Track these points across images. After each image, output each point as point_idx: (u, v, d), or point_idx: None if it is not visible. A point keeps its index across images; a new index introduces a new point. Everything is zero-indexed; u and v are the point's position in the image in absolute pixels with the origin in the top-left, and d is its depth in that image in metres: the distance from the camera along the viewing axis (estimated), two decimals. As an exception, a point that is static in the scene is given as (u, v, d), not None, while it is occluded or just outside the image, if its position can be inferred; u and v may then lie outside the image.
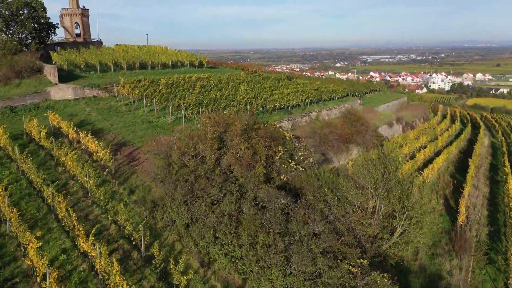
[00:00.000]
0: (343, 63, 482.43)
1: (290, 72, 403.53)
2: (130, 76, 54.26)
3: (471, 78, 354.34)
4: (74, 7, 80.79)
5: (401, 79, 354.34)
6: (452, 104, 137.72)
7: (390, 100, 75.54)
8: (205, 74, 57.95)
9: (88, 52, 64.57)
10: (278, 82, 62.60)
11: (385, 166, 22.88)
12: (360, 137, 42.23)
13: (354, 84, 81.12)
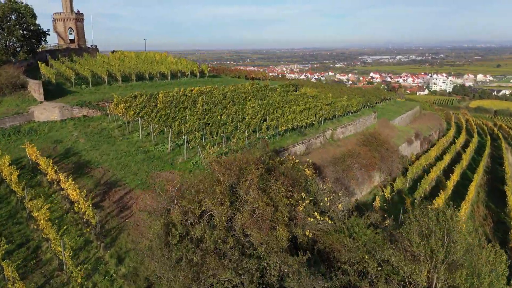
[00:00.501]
0: (343, 63, 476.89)
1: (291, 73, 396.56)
2: (125, 90, 48.87)
3: (472, 79, 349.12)
4: (67, 12, 75.29)
5: (401, 80, 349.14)
6: (461, 110, 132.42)
7: (404, 111, 70.17)
8: (207, 86, 52.50)
9: (80, 62, 59.07)
10: (287, 94, 57.23)
11: (446, 233, 17.56)
12: (384, 163, 36.88)
13: (365, 94, 75.72)
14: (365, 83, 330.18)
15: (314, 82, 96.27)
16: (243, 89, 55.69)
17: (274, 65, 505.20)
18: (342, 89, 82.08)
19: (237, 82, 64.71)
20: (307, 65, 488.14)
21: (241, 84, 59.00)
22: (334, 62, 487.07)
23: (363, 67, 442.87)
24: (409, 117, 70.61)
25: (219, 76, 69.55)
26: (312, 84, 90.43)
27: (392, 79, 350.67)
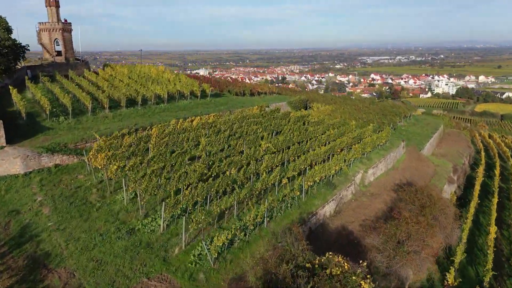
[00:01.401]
0: (342, 64, 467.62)
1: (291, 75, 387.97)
2: (113, 121, 40.02)
3: (473, 81, 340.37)
4: (53, 21, 66.32)
5: (403, 82, 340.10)
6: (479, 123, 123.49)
7: (430, 133, 61.39)
8: (209, 115, 43.68)
9: (63, 83, 50.21)
10: (303, 124, 48.40)
11: None
12: (439, 228, 28.06)
13: (386, 113, 67.00)
14: (366, 85, 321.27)
15: (324, 96, 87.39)
16: (252, 115, 46.95)
17: (274, 65, 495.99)
18: (357, 106, 73.25)
19: (243, 103, 55.83)
20: (306, 65, 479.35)
21: (249, 109, 50.14)
22: (334, 62, 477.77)
23: (363, 68, 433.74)
24: (435, 140, 61.88)
25: (221, 95, 60.56)
26: (323, 98, 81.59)
27: (393, 81, 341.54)
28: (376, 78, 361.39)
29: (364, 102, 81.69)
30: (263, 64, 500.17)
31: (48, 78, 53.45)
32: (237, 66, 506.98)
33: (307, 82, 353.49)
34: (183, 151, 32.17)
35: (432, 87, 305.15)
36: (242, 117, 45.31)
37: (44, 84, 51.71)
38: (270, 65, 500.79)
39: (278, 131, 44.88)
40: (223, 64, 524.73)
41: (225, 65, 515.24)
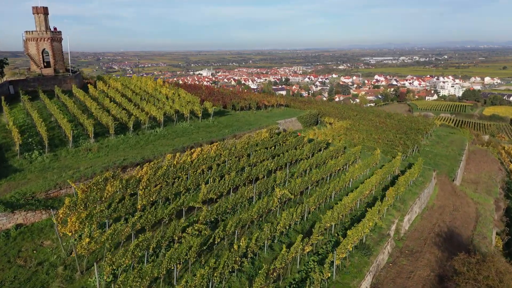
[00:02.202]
0: (346, 65, 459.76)
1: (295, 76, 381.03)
2: (97, 157, 33.17)
3: (479, 82, 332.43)
4: (41, 30, 59.60)
5: (408, 84, 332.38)
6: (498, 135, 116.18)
7: (458, 156, 54.20)
8: (212, 145, 36.75)
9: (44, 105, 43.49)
10: (318, 148, 41.51)
11: None
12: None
13: (405, 129, 60.07)
14: (370, 87, 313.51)
15: (336, 108, 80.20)
16: (261, 141, 40.10)
17: (277, 66, 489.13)
18: (373, 121, 66.17)
19: (249, 123, 48.82)
20: (310, 66, 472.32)
21: (257, 133, 43.16)
22: (337, 63, 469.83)
23: (366, 69, 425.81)
24: (464, 161, 54.79)
25: (225, 113, 53.50)
26: (335, 111, 74.49)
27: (398, 82, 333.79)
28: (380, 80, 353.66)
29: (379, 116, 74.52)
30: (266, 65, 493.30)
31: (29, 97, 46.66)
32: (240, 67, 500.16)
33: (310, 84, 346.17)
34: (178, 205, 25.20)
35: (438, 89, 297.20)
36: (250, 146, 38.42)
37: (24, 104, 44.91)
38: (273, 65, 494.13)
39: (292, 161, 37.96)
40: (226, 64, 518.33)
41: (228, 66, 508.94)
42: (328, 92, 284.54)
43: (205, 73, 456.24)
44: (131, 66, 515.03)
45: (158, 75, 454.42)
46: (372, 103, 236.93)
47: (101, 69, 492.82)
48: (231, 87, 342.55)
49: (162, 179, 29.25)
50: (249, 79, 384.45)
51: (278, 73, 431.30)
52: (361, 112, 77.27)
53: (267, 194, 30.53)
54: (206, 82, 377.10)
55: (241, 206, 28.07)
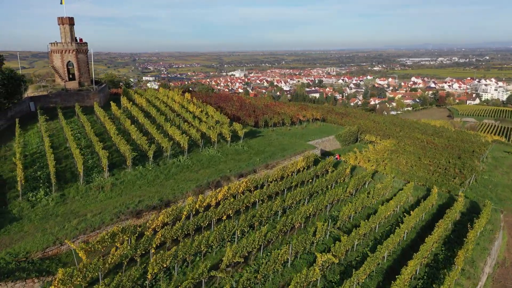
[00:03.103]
0: (381, 66, 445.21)
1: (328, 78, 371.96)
2: (109, 195, 28.79)
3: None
4: (66, 41, 56.44)
5: (447, 86, 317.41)
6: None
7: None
8: (241, 183, 31.65)
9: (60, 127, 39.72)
10: (363, 182, 35.72)
11: None
12: None
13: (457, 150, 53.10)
14: (407, 89, 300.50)
15: (377, 123, 73.50)
16: (296, 173, 34.72)
17: (310, 67, 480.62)
18: (421, 141, 59.31)
19: (283, 147, 43.33)
20: (343, 67, 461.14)
21: (291, 163, 37.66)
22: (372, 64, 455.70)
23: (403, 71, 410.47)
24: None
25: (257, 134, 48.18)
26: (376, 126, 67.90)
27: (436, 85, 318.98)
28: (418, 82, 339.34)
29: (426, 132, 67.36)
30: (299, 66, 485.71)
31: (47, 117, 43.18)
32: (273, 68, 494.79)
33: (344, 86, 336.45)
34: (196, 276, 20.18)
35: (480, 92, 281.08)
36: (284, 182, 33.10)
37: (39, 127, 41.35)
38: (306, 66, 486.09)
39: (333, 202, 32.33)
40: (259, 65, 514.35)
41: (261, 67, 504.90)
42: (363, 95, 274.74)
43: (238, 74, 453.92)
44: (166, 67, 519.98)
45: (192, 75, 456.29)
46: (409, 107, 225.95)
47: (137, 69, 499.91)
48: (264, 88, 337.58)
49: (180, 232, 24.41)
50: (282, 81, 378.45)
51: (311, 74, 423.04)
52: (405, 128, 70.25)
53: (304, 251, 25.15)
54: (238, 83, 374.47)
55: (274, 273, 22.81)
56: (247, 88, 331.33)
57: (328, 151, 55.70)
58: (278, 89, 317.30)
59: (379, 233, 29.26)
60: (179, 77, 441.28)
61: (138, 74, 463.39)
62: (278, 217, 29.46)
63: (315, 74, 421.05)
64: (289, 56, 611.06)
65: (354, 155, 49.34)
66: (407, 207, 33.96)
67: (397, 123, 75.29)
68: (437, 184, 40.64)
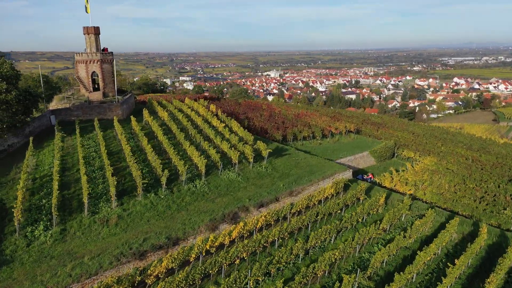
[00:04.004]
0: (421, 66, 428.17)
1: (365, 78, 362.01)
2: (113, 230, 26.20)
3: None
4: (91, 51, 55.00)
5: (492, 87, 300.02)
6: None
7: None
8: (260, 217, 28.23)
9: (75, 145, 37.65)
10: (399, 215, 31.50)
11: None
12: None
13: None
14: (449, 91, 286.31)
15: (417, 136, 67.96)
16: (323, 202, 30.85)
17: (347, 67, 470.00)
18: (464, 158, 53.70)
19: (311, 169, 39.49)
20: (381, 67, 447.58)
21: (318, 190, 33.81)
22: (412, 64, 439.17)
23: (444, 71, 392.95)
24: None
25: (283, 152, 44.45)
26: (416, 140, 62.52)
27: (481, 86, 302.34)
28: (460, 83, 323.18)
29: (471, 148, 61.28)
30: (335, 66, 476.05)
31: (63, 134, 41.42)
32: (309, 68, 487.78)
33: (382, 87, 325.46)
34: None
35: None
36: (308, 216, 29.37)
37: (53, 145, 39.51)
38: (342, 66, 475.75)
39: (364, 243, 28.30)
40: (295, 65, 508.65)
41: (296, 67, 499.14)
42: (402, 97, 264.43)
43: (273, 74, 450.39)
44: (202, 67, 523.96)
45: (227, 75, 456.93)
46: (451, 110, 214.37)
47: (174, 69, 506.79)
48: (299, 89, 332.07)
49: (185, 284, 21.31)
50: (317, 81, 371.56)
51: (348, 75, 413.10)
52: (447, 141, 64.38)
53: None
54: (273, 83, 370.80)
55: None
56: (282, 88, 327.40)
57: (362, 168, 51.27)
58: (313, 90, 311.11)
59: (416, 283, 25.04)
60: (214, 77, 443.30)
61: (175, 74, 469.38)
62: (299, 259, 25.85)
63: (351, 75, 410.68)
64: (325, 56, 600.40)
65: (390, 177, 44.79)
66: (450, 247, 29.43)
67: (438, 136, 69.36)
68: (485, 216, 35.62)
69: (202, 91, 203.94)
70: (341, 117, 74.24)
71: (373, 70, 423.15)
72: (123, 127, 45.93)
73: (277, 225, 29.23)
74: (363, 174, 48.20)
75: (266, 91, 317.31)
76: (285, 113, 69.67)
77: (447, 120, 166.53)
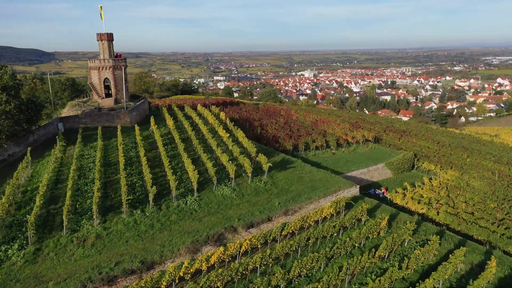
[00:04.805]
0: (462, 66, 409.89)
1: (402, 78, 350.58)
2: (88, 252, 25.44)
3: None
4: (104, 58, 55.08)
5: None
6: None
7: None
8: (245, 240, 26.52)
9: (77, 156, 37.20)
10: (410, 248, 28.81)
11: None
12: None
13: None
14: (491, 92, 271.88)
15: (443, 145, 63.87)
16: (320, 220, 28.70)
17: (384, 67, 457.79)
18: (491, 172, 49.60)
19: (314, 184, 37.25)
20: (420, 67, 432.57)
21: (314, 211, 31.61)
22: (452, 64, 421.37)
23: (487, 71, 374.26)
24: None
25: (288, 165, 42.13)
26: (440, 150, 58.55)
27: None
28: (504, 84, 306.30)
29: (500, 161, 56.63)
30: (371, 65, 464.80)
31: (64, 143, 41.27)
32: (344, 67, 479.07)
33: (419, 87, 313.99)
34: None
35: None
36: (299, 240, 27.33)
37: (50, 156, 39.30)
38: (379, 66, 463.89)
39: (356, 273, 25.94)
40: (330, 65, 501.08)
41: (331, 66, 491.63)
42: (439, 98, 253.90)
43: (307, 74, 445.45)
44: (237, 67, 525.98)
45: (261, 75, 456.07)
46: (492, 112, 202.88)
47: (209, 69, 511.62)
48: (332, 89, 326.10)
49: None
50: (352, 81, 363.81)
51: (384, 75, 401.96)
52: (475, 152, 59.93)
53: None
54: (307, 84, 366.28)
55: None
56: (315, 89, 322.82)
57: (376, 181, 48.44)
58: (347, 90, 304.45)
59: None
60: (248, 77, 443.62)
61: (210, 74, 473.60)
62: (280, 291, 23.92)
63: (388, 75, 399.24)
64: (362, 55, 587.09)
65: (402, 193, 41.84)
66: (454, 280, 26.54)
67: (466, 145, 64.76)
68: (502, 242, 32.21)
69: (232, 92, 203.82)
70: (363, 124, 71.04)
71: (411, 70, 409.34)
72: (128, 136, 45.45)
73: (266, 249, 27.40)
74: (376, 188, 45.43)
75: (299, 92, 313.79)
76: (302, 120, 67.40)
77: (486, 124, 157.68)
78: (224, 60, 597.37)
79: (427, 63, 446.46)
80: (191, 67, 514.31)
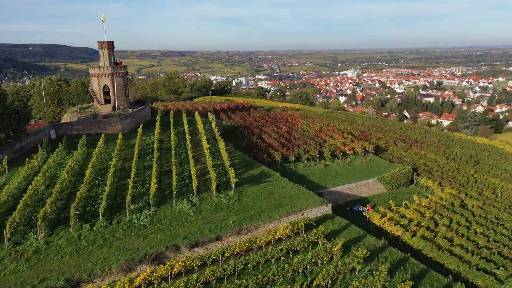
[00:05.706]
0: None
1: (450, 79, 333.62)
2: (18, 268, 25.90)
3: None
4: (104, 65, 56.65)
5: None
6: None
7: None
8: (177, 261, 26.03)
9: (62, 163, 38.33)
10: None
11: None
12: None
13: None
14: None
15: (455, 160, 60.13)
16: (273, 242, 27.73)
17: (432, 67, 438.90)
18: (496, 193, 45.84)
19: (282, 201, 35.97)
20: (471, 67, 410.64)
21: (267, 232, 30.55)
22: (507, 64, 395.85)
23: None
24: None
25: (265, 178, 40.85)
26: (450, 163, 54.84)
27: None
28: None
29: (509, 179, 52.20)
30: (419, 65, 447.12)
31: (44, 151, 42.62)
32: (390, 67, 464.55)
33: (468, 89, 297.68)
34: None
35: None
36: (238, 262, 26.47)
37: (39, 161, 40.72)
38: (427, 66, 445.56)
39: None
40: (375, 64, 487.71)
41: (376, 66, 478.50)
42: (488, 101, 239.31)
43: (350, 74, 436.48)
44: (279, 65, 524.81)
45: (303, 74, 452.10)
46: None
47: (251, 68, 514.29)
48: (374, 89, 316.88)
49: None
50: (396, 82, 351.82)
51: (432, 75, 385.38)
52: (486, 168, 55.63)
53: None
54: (348, 83, 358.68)
55: None
56: (356, 89, 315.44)
57: (366, 197, 46.33)
58: (390, 91, 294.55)
59: None
60: (290, 76, 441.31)
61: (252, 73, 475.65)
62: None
63: (436, 75, 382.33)
64: (409, 55, 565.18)
65: (381, 213, 39.62)
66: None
67: (481, 159, 60.33)
68: (472, 274, 29.55)
69: (265, 92, 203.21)
70: (374, 132, 68.29)
71: (461, 70, 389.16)
72: (114, 144, 46.13)
73: (204, 270, 26.77)
74: (360, 205, 43.44)
75: (339, 92, 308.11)
76: (306, 128, 65.73)
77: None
78: (267, 58, 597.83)
79: (479, 62, 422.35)
80: (234, 65, 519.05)
